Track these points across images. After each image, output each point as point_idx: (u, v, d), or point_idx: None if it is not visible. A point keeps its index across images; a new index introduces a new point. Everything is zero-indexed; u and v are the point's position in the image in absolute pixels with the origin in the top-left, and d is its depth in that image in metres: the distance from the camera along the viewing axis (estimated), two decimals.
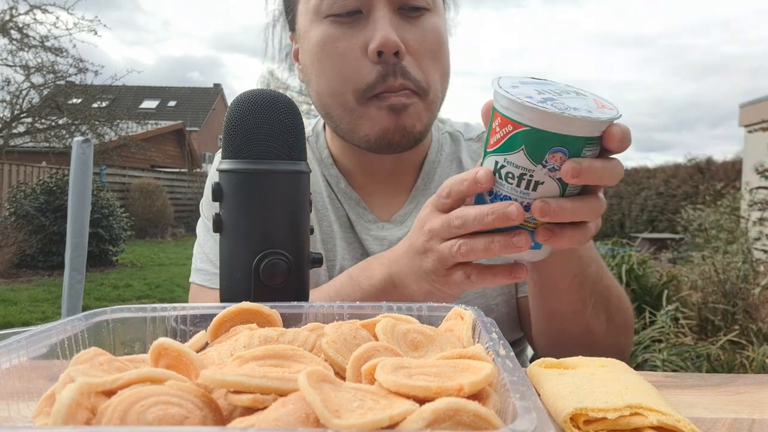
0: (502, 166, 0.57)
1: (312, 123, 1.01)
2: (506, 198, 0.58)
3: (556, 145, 0.55)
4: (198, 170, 17.97)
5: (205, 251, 0.92)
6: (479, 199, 0.61)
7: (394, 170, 0.93)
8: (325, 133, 0.98)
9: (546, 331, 0.83)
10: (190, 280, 0.93)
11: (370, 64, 0.80)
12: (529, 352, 1.04)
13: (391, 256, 0.71)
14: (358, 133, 0.84)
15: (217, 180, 0.58)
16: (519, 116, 0.55)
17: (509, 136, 0.56)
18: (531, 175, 0.56)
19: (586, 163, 0.55)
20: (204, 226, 0.95)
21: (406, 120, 0.81)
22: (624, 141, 0.56)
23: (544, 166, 0.55)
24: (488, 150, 0.59)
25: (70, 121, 12.03)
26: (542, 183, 0.56)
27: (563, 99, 0.56)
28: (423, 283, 0.66)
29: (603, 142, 0.56)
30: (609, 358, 0.55)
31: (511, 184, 0.57)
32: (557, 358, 0.57)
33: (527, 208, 0.57)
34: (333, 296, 0.75)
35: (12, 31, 11.28)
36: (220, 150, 0.63)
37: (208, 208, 0.96)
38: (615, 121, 0.56)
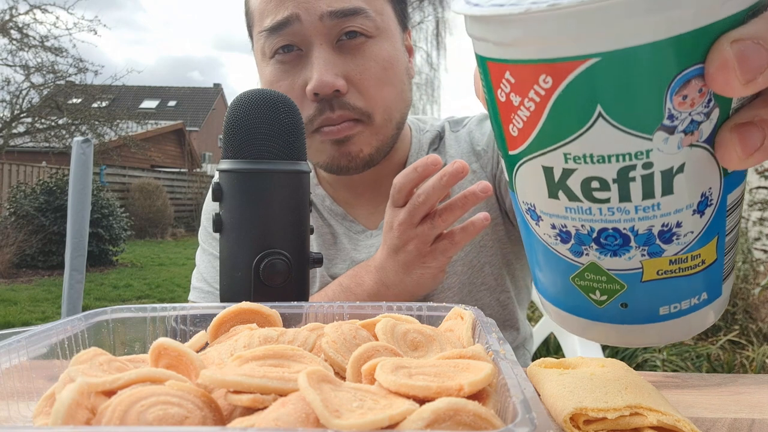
0: (566, 175, 0.27)
1: None
2: (606, 233, 0.29)
3: (688, 65, 0.24)
4: (198, 170, 17.97)
5: (200, 270, 0.96)
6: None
7: (374, 182, 0.94)
8: None
9: None
10: (189, 298, 0.97)
11: (310, 102, 0.82)
12: (530, 352, 1.04)
13: (375, 263, 0.74)
14: (311, 160, 0.90)
15: (217, 180, 0.58)
16: (574, 40, 0.24)
17: (556, 95, 0.26)
18: (648, 162, 0.26)
19: None
20: (202, 252, 0.98)
21: (351, 147, 0.84)
22: None
23: (672, 125, 0.25)
24: (512, 153, 0.30)
25: (70, 121, 12.03)
26: (680, 168, 0.26)
27: None
28: (414, 270, 0.70)
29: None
30: (609, 358, 0.55)
31: (604, 202, 0.28)
32: None
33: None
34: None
35: (12, 31, 11.29)
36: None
37: (205, 238, 0.98)
38: None
